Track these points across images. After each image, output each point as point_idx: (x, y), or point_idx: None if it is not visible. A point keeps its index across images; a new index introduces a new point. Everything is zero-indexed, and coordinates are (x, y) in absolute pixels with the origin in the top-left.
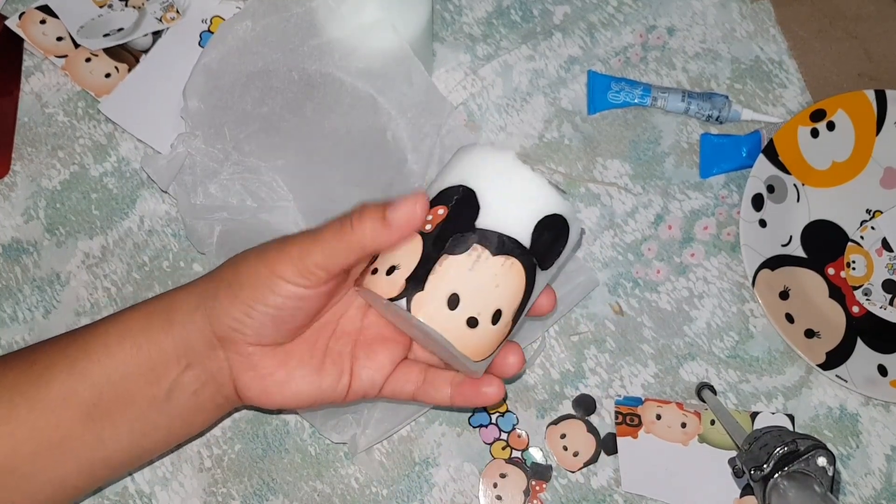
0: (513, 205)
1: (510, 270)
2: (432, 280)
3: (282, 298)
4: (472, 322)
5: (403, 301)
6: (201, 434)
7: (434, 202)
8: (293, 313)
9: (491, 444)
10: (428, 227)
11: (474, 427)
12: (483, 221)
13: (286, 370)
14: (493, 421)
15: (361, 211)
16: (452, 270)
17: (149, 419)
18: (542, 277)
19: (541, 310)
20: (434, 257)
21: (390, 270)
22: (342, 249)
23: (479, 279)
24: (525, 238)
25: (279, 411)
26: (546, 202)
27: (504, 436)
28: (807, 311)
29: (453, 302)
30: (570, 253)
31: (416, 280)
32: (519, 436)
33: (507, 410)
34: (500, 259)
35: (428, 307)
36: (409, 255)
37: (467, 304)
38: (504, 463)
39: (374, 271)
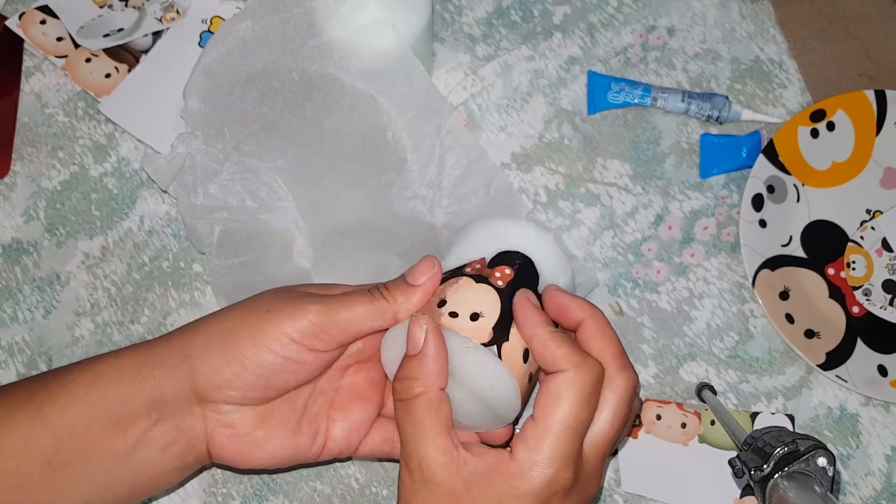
0: (559, 268)
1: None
2: (514, 332)
3: (283, 360)
4: (532, 378)
5: (494, 348)
6: (166, 493)
7: (494, 262)
8: (290, 377)
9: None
10: (500, 283)
11: None
12: (541, 288)
13: (264, 431)
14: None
15: (385, 285)
16: None
17: (111, 473)
18: None
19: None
20: (510, 311)
21: (474, 317)
22: (373, 314)
23: None
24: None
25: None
26: (566, 270)
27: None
28: (807, 312)
29: (526, 355)
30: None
31: (502, 329)
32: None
33: None
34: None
35: (510, 356)
36: (487, 305)
37: (531, 359)
38: None
39: (453, 314)
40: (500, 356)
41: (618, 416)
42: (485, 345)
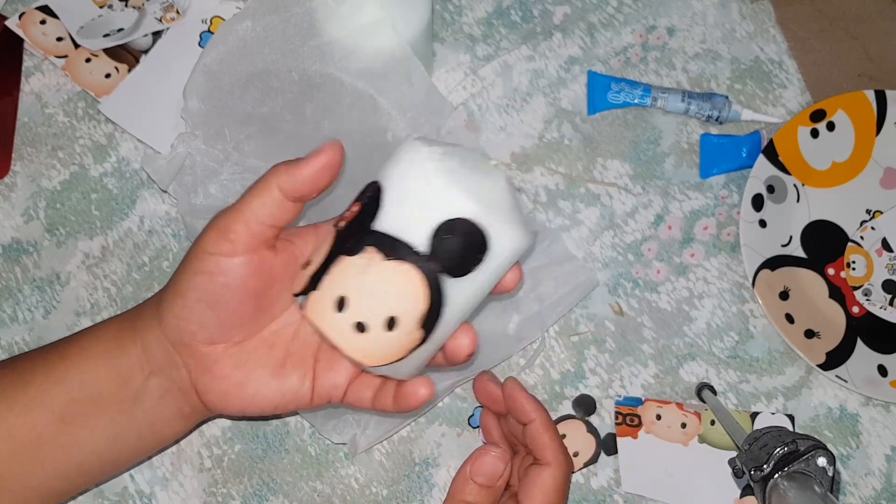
0: (410, 207)
1: (404, 276)
2: (326, 280)
3: (208, 275)
4: (360, 327)
5: (302, 298)
6: (175, 442)
7: (359, 194)
8: (224, 291)
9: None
10: (342, 223)
11: (474, 427)
12: (381, 223)
13: (244, 371)
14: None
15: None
16: (344, 272)
17: (119, 423)
18: (457, 287)
19: (505, 286)
20: (334, 257)
21: (306, 265)
22: (260, 197)
23: (370, 283)
24: (423, 243)
25: (252, 418)
26: (448, 206)
27: None
28: (807, 312)
29: (341, 304)
30: (505, 258)
31: (316, 278)
32: None
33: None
34: (392, 264)
35: (317, 307)
36: (321, 252)
37: (356, 307)
38: None
39: (304, 266)
40: (302, 307)
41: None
42: (296, 294)
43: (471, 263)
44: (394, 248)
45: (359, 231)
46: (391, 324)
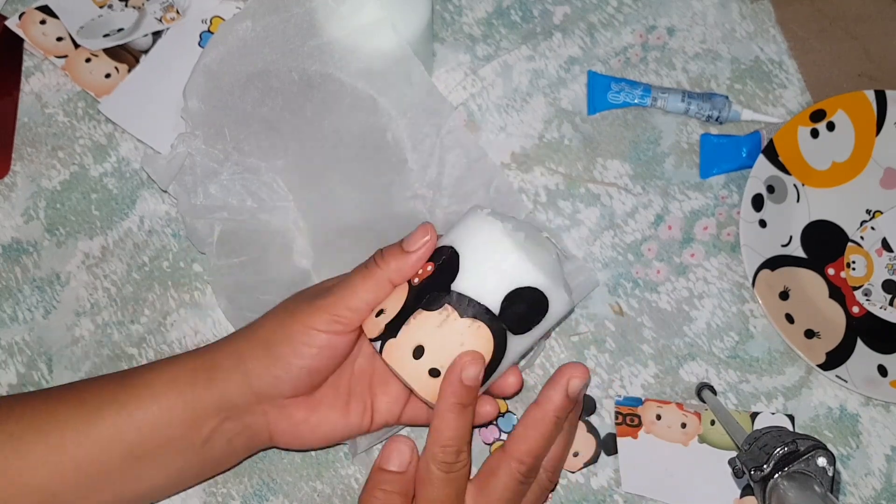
0: (487, 274)
1: (476, 332)
2: (405, 331)
3: (317, 349)
4: (434, 372)
5: (378, 343)
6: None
7: (432, 257)
8: (328, 362)
9: (491, 445)
10: (416, 280)
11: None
12: (459, 285)
13: (317, 416)
14: (494, 421)
15: (381, 251)
16: (423, 325)
17: (185, 460)
18: (516, 341)
19: (505, 392)
20: (412, 309)
21: (379, 313)
22: (371, 287)
23: (445, 337)
24: (495, 306)
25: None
26: (520, 276)
27: (504, 436)
28: (807, 312)
29: (418, 352)
30: (556, 319)
31: (393, 327)
32: None
33: (507, 411)
34: (467, 322)
35: (396, 353)
36: (395, 303)
37: (431, 355)
38: None
39: (377, 314)
40: (381, 351)
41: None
42: (372, 339)
43: (532, 324)
44: (470, 308)
45: (436, 289)
46: None
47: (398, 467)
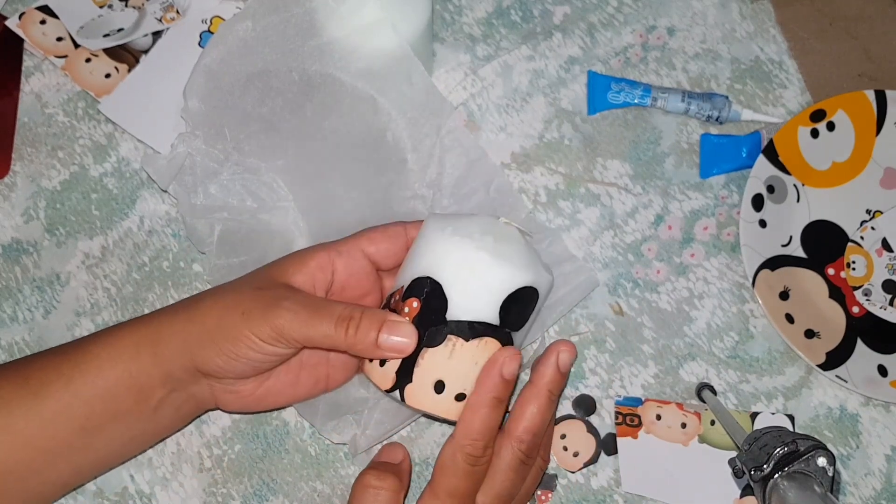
0: (477, 294)
1: (486, 348)
2: (418, 372)
3: (263, 355)
4: (460, 397)
5: (397, 393)
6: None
7: (408, 291)
8: (273, 363)
9: None
10: (406, 319)
11: None
12: (453, 313)
13: (265, 389)
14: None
15: (363, 320)
16: (434, 361)
17: (136, 429)
18: (519, 334)
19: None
20: (416, 350)
21: (382, 362)
22: (332, 338)
23: (459, 364)
24: (494, 318)
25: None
26: (508, 283)
27: None
28: (807, 312)
29: (439, 387)
30: (545, 297)
31: (405, 373)
32: None
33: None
34: (475, 342)
35: (418, 395)
36: None
37: (452, 385)
38: None
39: (381, 364)
40: (403, 399)
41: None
42: (388, 390)
43: (529, 314)
44: (472, 330)
45: (433, 324)
46: None
47: (392, 460)
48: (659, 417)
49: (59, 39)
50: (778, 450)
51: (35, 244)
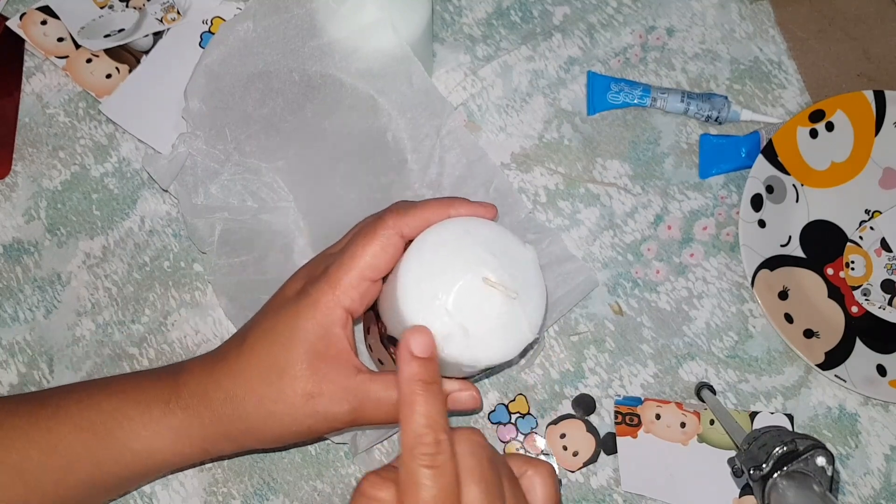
0: (457, 363)
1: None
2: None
3: (307, 429)
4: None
5: None
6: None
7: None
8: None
9: (507, 443)
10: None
11: (493, 423)
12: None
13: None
14: (512, 421)
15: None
16: None
17: (149, 468)
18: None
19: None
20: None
21: None
22: (385, 412)
23: None
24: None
25: None
26: (485, 361)
27: (521, 436)
28: (806, 311)
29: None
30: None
31: None
32: (535, 441)
33: (528, 412)
34: None
35: None
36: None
37: None
38: None
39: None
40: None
41: None
42: None
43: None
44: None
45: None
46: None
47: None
48: (658, 417)
49: (60, 40)
50: (777, 449)
51: (36, 244)
